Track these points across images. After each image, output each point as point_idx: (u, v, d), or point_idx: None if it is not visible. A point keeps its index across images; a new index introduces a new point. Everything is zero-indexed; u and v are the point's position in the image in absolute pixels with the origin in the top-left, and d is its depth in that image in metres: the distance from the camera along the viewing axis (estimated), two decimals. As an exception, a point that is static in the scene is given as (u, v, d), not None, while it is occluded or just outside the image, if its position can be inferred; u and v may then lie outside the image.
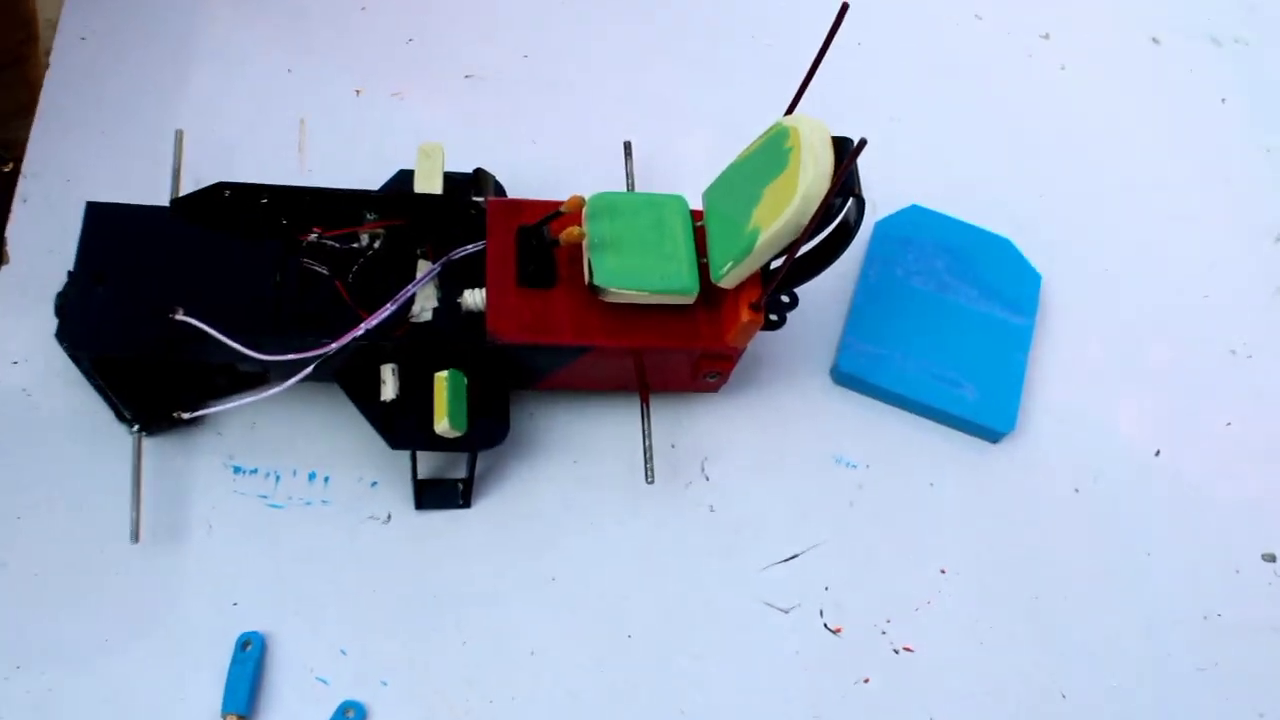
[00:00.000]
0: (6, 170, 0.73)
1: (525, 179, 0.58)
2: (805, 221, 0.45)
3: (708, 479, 0.57)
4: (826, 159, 0.45)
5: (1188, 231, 0.70)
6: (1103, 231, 0.69)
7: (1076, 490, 0.60)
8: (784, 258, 0.47)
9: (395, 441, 0.50)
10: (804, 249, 0.48)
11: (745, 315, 0.50)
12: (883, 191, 0.65)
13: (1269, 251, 0.71)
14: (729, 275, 0.49)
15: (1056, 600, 0.57)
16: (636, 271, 0.49)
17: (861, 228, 0.57)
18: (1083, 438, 0.62)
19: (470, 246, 0.51)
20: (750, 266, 0.48)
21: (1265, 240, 0.71)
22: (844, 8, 0.42)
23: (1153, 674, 0.57)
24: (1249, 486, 0.63)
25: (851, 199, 0.47)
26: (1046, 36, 0.76)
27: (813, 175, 0.44)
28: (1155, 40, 0.78)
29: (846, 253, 0.50)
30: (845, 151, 0.44)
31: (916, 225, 0.64)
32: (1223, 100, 0.76)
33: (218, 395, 0.52)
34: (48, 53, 0.64)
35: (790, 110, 0.49)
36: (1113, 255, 0.68)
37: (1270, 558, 0.61)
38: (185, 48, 0.62)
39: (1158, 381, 0.65)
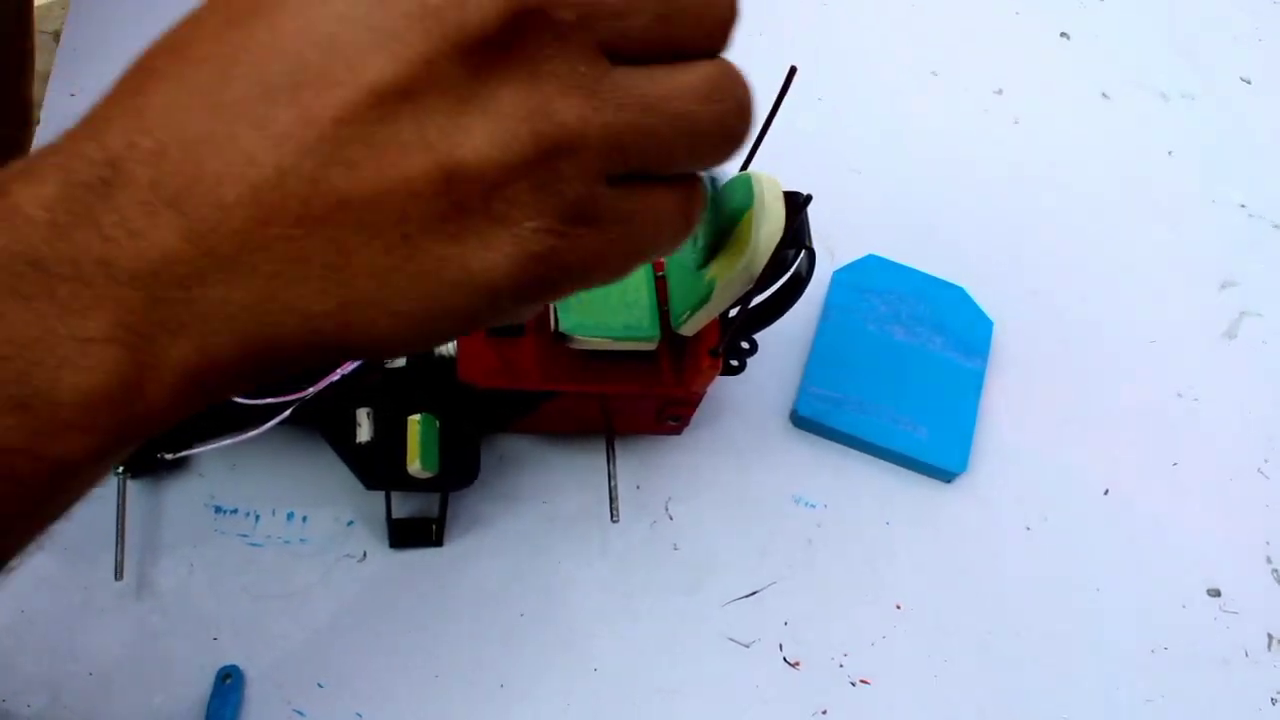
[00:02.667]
0: None
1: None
2: (757, 272, 0.47)
3: (671, 518, 0.59)
4: (778, 212, 0.47)
5: (1136, 279, 0.73)
6: (1054, 279, 0.72)
7: (1028, 528, 0.63)
8: (740, 307, 0.50)
9: (370, 482, 0.52)
10: (759, 299, 0.51)
11: (705, 361, 0.52)
12: (841, 241, 0.68)
13: (1214, 299, 0.73)
14: (688, 323, 0.51)
15: (1008, 634, 0.60)
16: (600, 320, 0.52)
17: (820, 276, 0.60)
18: (1033, 478, 0.64)
19: (443, 296, 0.54)
20: (708, 315, 0.50)
21: (1210, 288, 0.74)
22: (792, 70, 0.45)
23: (1102, 705, 0.59)
24: (1195, 524, 0.65)
25: (803, 251, 0.49)
26: (1000, 92, 0.79)
27: (764, 229, 0.47)
28: (1105, 95, 0.81)
29: (806, 300, 0.52)
30: (797, 206, 0.47)
31: (873, 274, 0.67)
32: (1170, 153, 0.79)
33: (201, 437, 0.54)
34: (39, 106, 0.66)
35: (745, 165, 0.51)
36: (1063, 302, 0.71)
37: (1215, 593, 0.63)
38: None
39: (1106, 424, 0.67)
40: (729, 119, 0.28)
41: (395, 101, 0.24)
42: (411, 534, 0.56)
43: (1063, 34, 0.84)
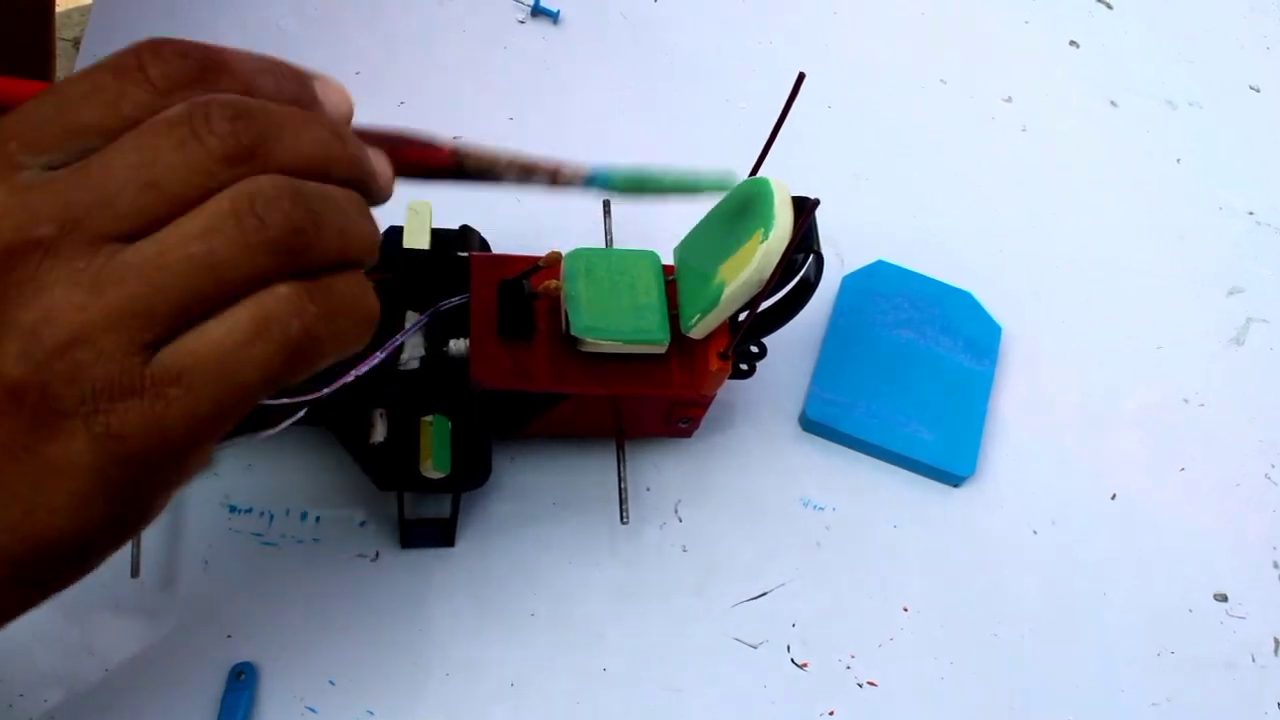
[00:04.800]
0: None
1: (509, 235, 0.61)
2: (766, 276, 0.47)
3: (681, 520, 0.60)
4: (786, 217, 0.48)
5: (1143, 285, 0.73)
6: (1061, 285, 0.72)
7: (1035, 532, 0.63)
8: (748, 310, 0.50)
9: (383, 483, 0.53)
10: (768, 302, 0.51)
11: (714, 364, 0.53)
12: (850, 247, 0.69)
13: (1221, 304, 0.74)
14: (698, 326, 0.51)
15: (1015, 637, 0.60)
16: (611, 323, 0.52)
17: (829, 282, 0.61)
18: (1041, 482, 0.65)
19: (455, 299, 0.54)
20: (717, 318, 0.51)
21: (1218, 294, 0.74)
22: (800, 76, 0.45)
23: (1108, 708, 0.59)
24: (1202, 529, 0.65)
25: (811, 255, 0.50)
26: (1009, 100, 0.80)
27: (773, 233, 0.47)
28: (1113, 103, 0.81)
29: (815, 305, 0.53)
30: (805, 209, 0.47)
31: (882, 279, 0.67)
32: (1178, 160, 0.80)
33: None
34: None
35: (755, 171, 0.52)
36: (1071, 307, 0.71)
37: (1222, 597, 0.63)
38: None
39: (1114, 428, 0.67)
40: (251, 233, 0.29)
41: None
42: (423, 534, 0.56)
43: (1071, 42, 0.84)
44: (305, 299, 0.30)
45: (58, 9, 0.88)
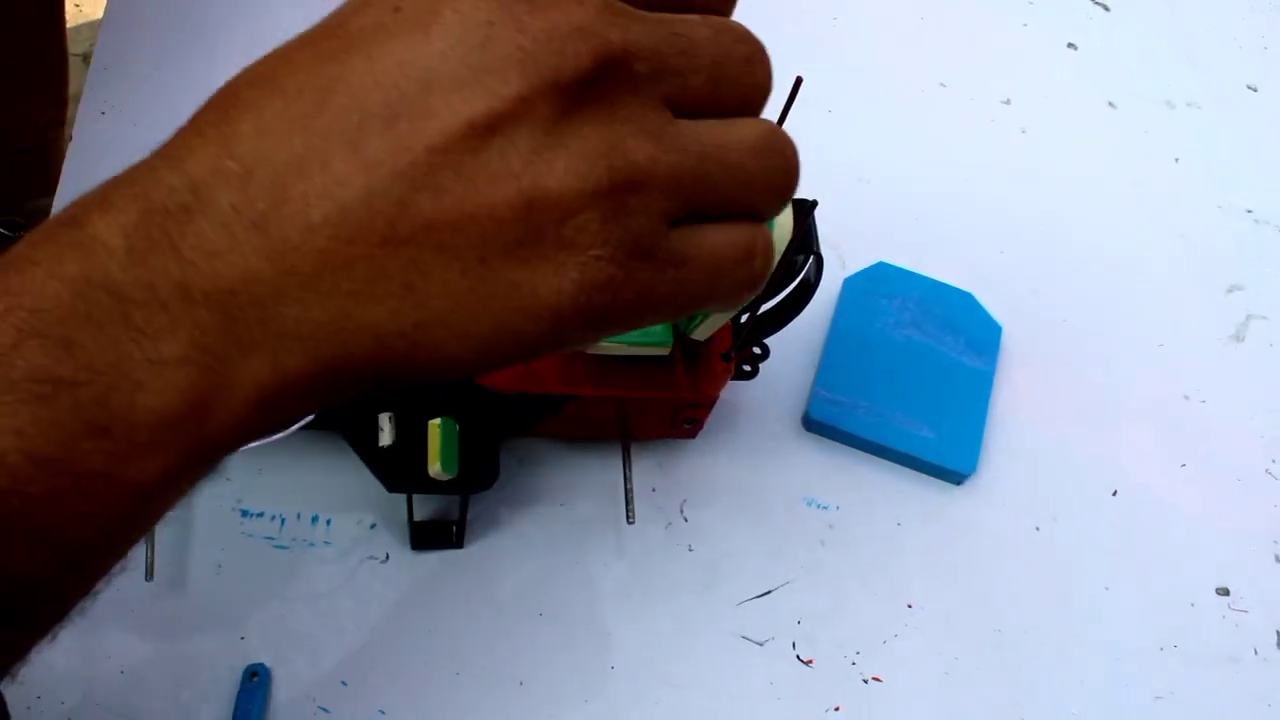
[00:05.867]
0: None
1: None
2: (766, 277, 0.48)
3: (686, 520, 0.60)
4: (786, 218, 0.48)
5: (1143, 284, 0.74)
6: (1061, 284, 0.73)
7: (1037, 529, 0.64)
8: (750, 313, 0.51)
9: (392, 485, 0.53)
10: (770, 304, 0.52)
11: (717, 366, 0.54)
12: (852, 249, 0.69)
13: (1221, 302, 0.74)
14: (700, 328, 0.52)
15: (1018, 633, 0.61)
16: (615, 325, 0.53)
17: (831, 284, 0.61)
18: (1042, 479, 0.65)
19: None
20: (719, 320, 0.51)
21: (1217, 291, 0.75)
22: (798, 81, 0.46)
23: (1112, 702, 0.60)
24: (1203, 524, 0.66)
25: (811, 257, 0.51)
26: (1008, 102, 0.81)
27: (773, 234, 0.48)
28: (1111, 104, 0.82)
29: (817, 307, 0.53)
30: (804, 211, 0.48)
31: (883, 281, 0.68)
32: (1176, 160, 0.80)
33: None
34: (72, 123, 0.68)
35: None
36: (1071, 306, 0.72)
37: (1224, 591, 0.64)
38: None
39: (1115, 426, 0.68)
40: (776, 175, 0.30)
41: (487, 134, 0.25)
42: (432, 536, 0.57)
43: (1070, 44, 0.85)
44: (771, 243, 0.31)
45: (68, 25, 0.90)
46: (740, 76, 0.29)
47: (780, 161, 0.30)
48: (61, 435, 0.24)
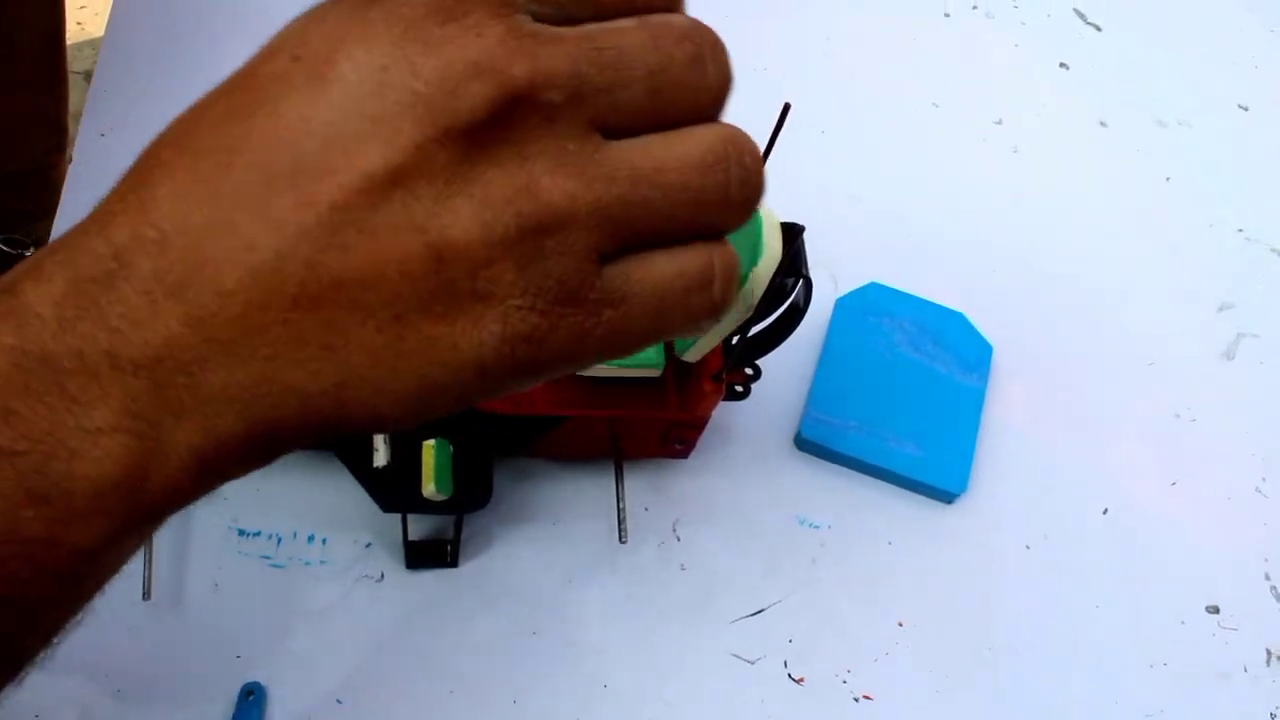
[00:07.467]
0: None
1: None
2: (755, 301, 0.49)
3: (679, 539, 0.61)
4: (775, 243, 0.49)
5: (1134, 302, 0.75)
6: (1052, 303, 0.73)
7: (1028, 547, 0.64)
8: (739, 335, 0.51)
9: (387, 505, 0.54)
10: (759, 327, 0.52)
11: (708, 387, 0.54)
12: (844, 269, 0.70)
13: (1212, 321, 0.75)
14: (691, 350, 0.53)
15: (1009, 651, 0.61)
16: (607, 347, 0.53)
17: (823, 304, 0.62)
18: (1033, 497, 0.66)
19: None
20: (710, 342, 0.52)
21: (1209, 310, 0.75)
22: (785, 108, 0.46)
23: (1102, 720, 0.60)
24: (1194, 542, 0.66)
25: (800, 280, 0.51)
26: (999, 122, 0.81)
27: (762, 259, 0.48)
28: (1103, 123, 0.83)
29: (809, 327, 0.54)
30: (792, 235, 0.48)
31: (875, 301, 0.69)
32: (1167, 179, 0.81)
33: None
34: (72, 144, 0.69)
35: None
36: (1062, 325, 0.72)
37: (1213, 609, 0.64)
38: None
39: (1105, 444, 0.69)
40: (732, 186, 0.28)
41: (387, 187, 0.25)
42: (427, 555, 0.57)
43: (1062, 64, 0.85)
44: (734, 264, 0.29)
45: (69, 42, 0.90)
46: (685, 81, 0.27)
47: (737, 171, 0.27)
48: (3, 503, 0.24)
